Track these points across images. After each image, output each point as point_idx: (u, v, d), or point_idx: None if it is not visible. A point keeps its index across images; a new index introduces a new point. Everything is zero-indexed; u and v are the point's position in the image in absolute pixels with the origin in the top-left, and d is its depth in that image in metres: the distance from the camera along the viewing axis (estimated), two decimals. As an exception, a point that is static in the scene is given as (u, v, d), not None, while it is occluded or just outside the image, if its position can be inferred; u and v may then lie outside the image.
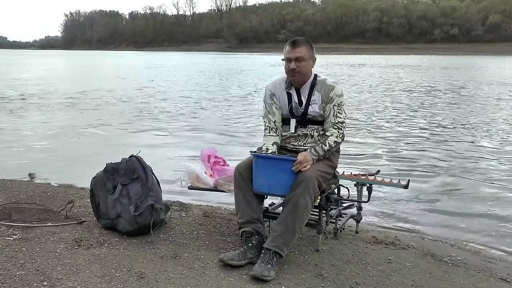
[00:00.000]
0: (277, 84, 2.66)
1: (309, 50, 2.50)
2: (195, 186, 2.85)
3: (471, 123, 8.68)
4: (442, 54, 67.61)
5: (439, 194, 4.41)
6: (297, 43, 2.48)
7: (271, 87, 2.67)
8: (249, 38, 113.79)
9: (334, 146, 2.51)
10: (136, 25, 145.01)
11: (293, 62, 2.46)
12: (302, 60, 2.46)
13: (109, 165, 2.78)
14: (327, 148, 2.47)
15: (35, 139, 6.93)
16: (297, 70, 2.48)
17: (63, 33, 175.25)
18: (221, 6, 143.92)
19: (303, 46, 2.48)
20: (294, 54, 2.46)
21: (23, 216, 2.89)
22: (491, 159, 5.83)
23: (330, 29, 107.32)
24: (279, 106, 2.62)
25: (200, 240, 2.68)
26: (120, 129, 7.99)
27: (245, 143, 6.66)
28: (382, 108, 10.78)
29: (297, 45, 2.47)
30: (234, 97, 13.42)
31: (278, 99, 2.62)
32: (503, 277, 2.48)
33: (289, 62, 2.49)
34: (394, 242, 2.92)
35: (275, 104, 2.63)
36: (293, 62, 2.46)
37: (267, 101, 2.65)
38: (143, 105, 11.23)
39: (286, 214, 2.30)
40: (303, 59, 2.46)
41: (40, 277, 2.12)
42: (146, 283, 2.10)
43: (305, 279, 2.23)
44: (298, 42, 2.48)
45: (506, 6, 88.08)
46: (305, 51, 2.48)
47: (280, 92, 2.62)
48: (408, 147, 6.59)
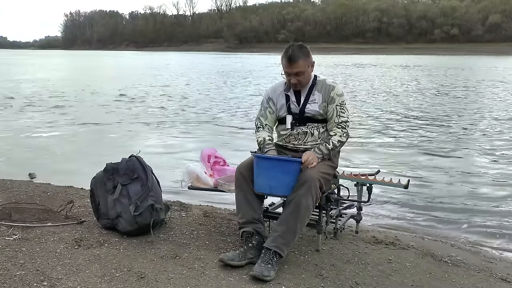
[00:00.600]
0: (276, 88, 2.71)
1: (306, 60, 2.48)
2: (195, 186, 2.85)
3: (473, 123, 8.67)
4: (442, 54, 67.63)
5: (439, 194, 4.41)
6: (293, 58, 2.45)
7: (269, 91, 2.73)
8: (249, 38, 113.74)
9: (339, 145, 2.52)
10: (136, 25, 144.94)
11: (293, 77, 2.50)
12: (301, 74, 2.50)
13: (109, 165, 2.78)
14: (331, 147, 2.48)
15: (35, 139, 6.93)
16: (298, 84, 2.53)
17: (63, 33, 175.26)
18: (221, 6, 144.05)
19: (300, 60, 2.45)
20: (292, 70, 2.48)
21: (23, 216, 2.89)
22: (491, 160, 5.83)
23: (330, 29, 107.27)
24: (273, 111, 2.68)
25: (200, 240, 2.67)
26: (120, 129, 7.99)
27: (246, 143, 6.65)
28: (382, 108, 10.77)
29: (293, 61, 2.45)
30: (237, 98, 13.43)
31: (276, 102, 2.67)
32: (503, 277, 2.48)
33: (289, 76, 2.52)
34: (394, 242, 2.92)
35: (269, 108, 2.68)
36: (293, 77, 2.50)
37: (264, 104, 2.72)
38: (143, 105, 11.23)
39: (287, 214, 2.30)
40: (302, 73, 2.50)
41: (40, 277, 2.11)
42: (146, 283, 2.10)
43: (305, 279, 2.23)
44: (294, 58, 2.45)
45: (506, 6, 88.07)
46: (302, 65, 2.47)
47: (278, 94, 2.66)
48: (408, 147, 6.58)
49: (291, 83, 2.54)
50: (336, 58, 52.29)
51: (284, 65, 2.52)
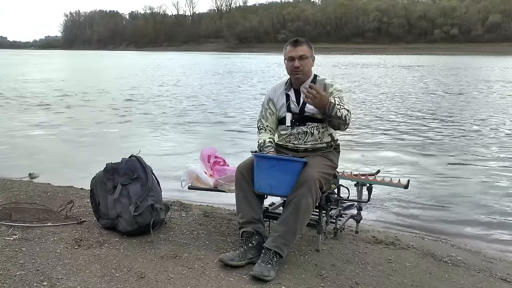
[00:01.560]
0: (277, 88, 2.73)
1: (310, 49, 2.59)
2: (195, 186, 2.85)
3: (474, 124, 8.67)
4: (442, 54, 67.60)
5: (439, 194, 4.41)
6: (299, 42, 2.56)
7: (270, 92, 2.75)
8: (249, 38, 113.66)
9: (345, 116, 2.42)
10: (136, 25, 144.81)
11: (296, 61, 2.52)
12: (305, 58, 2.54)
13: (109, 165, 2.78)
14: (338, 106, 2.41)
15: (35, 139, 6.93)
16: (300, 68, 2.54)
17: (63, 33, 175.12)
18: (221, 6, 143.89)
19: (305, 45, 2.56)
20: (297, 53, 2.53)
21: (23, 216, 2.89)
22: (492, 160, 5.83)
23: (330, 29, 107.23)
24: (273, 112, 2.69)
25: (200, 240, 2.68)
26: (120, 129, 7.99)
27: (246, 143, 6.65)
28: (382, 108, 10.78)
29: (299, 44, 2.55)
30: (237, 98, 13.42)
31: (276, 103, 2.68)
32: (503, 277, 2.48)
33: (292, 61, 2.54)
34: (394, 242, 2.92)
35: (269, 109, 2.70)
36: (296, 61, 2.52)
37: (264, 105, 2.74)
38: (143, 105, 11.23)
39: (287, 214, 2.30)
40: (306, 57, 2.54)
41: (40, 277, 2.12)
42: (146, 283, 2.10)
43: (305, 279, 2.23)
44: (299, 41, 2.56)
45: (506, 6, 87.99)
46: (307, 49, 2.56)
47: (279, 95, 2.68)
48: (408, 147, 6.58)
49: (293, 68, 2.54)
50: (336, 58, 52.32)
51: (288, 51, 2.57)
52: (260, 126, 2.72)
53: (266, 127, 2.69)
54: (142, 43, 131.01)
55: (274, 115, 2.70)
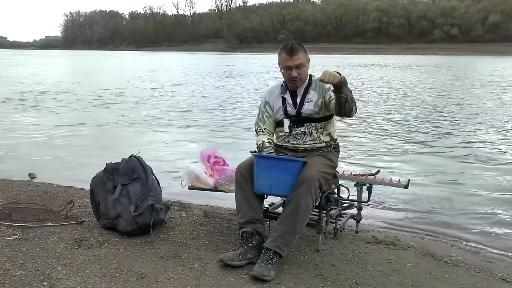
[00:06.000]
0: (272, 91, 2.72)
1: (305, 54, 2.52)
2: (195, 186, 2.85)
3: (474, 124, 8.67)
4: (442, 54, 67.63)
5: (439, 194, 4.41)
6: (294, 50, 2.46)
7: (266, 94, 2.74)
8: (249, 38, 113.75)
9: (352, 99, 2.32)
10: (136, 25, 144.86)
11: (294, 70, 2.49)
12: (302, 66, 2.50)
13: (109, 165, 2.78)
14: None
15: (35, 139, 6.93)
16: (298, 77, 2.51)
17: (63, 33, 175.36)
18: (221, 6, 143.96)
19: (300, 51, 2.48)
20: (293, 62, 2.47)
21: (23, 216, 2.89)
22: (492, 160, 5.83)
23: (330, 29, 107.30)
24: (270, 114, 2.68)
25: (200, 240, 2.68)
26: (120, 129, 7.99)
27: (246, 143, 6.65)
28: (382, 108, 10.77)
29: (295, 53, 2.46)
30: (237, 97, 13.42)
31: (272, 106, 2.67)
32: (503, 277, 2.48)
33: (289, 70, 2.50)
34: (394, 242, 2.92)
35: (266, 112, 2.69)
36: (294, 70, 2.49)
37: (261, 108, 2.73)
38: (144, 105, 11.23)
39: (287, 214, 2.30)
40: (303, 65, 2.50)
41: (40, 277, 2.12)
42: (146, 283, 2.10)
43: (305, 279, 2.23)
44: (295, 49, 2.47)
45: (506, 6, 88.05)
46: (303, 57, 2.50)
47: (275, 98, 2.67)
48: (408, 147, 6.58)
49: (291, 77, 2.50)
50: (336, 58, 52.28)
51: (283, 59, 2.50)
52: (257, 128, 2.72)
53: (264, 129, 2.69)
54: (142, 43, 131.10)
55: (271, 118, 2.69)
